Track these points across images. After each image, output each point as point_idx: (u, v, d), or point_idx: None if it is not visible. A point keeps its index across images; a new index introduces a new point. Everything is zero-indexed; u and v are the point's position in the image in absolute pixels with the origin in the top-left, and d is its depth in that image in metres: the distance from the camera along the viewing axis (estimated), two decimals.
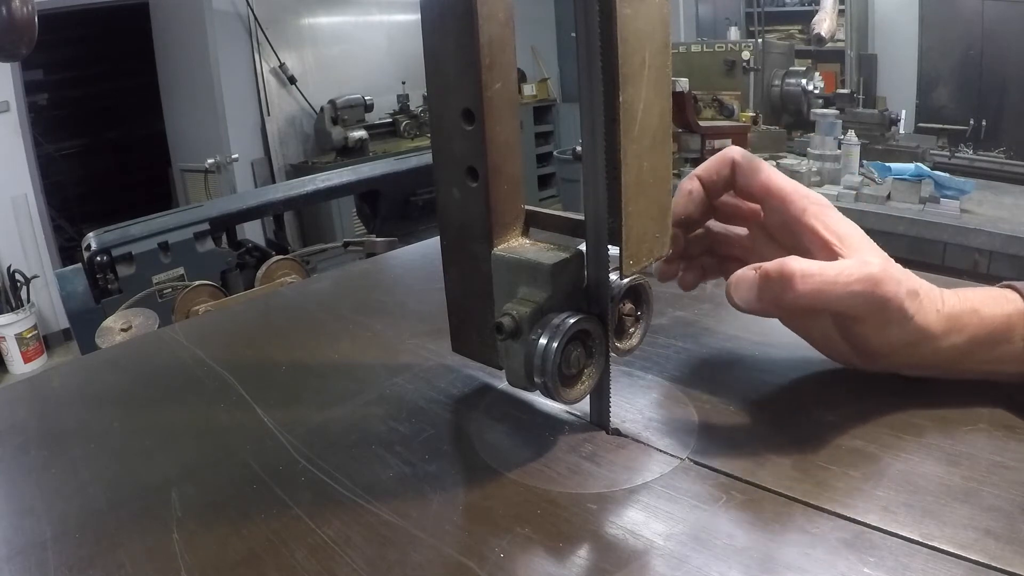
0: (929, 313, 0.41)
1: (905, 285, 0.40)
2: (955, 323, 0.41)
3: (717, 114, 3.07)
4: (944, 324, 0.41)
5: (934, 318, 0.41)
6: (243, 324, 0.74)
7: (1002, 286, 0.44)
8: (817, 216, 0.43)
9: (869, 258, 0.41)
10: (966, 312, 0.41)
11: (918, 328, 0.41)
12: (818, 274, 0.39)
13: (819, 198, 0.45)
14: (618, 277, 0.42)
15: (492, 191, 0.40)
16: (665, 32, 0.39)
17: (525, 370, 0.40)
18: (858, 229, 0.43)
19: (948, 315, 0.41)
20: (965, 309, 0.41)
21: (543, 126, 5.96)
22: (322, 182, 2.13)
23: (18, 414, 0.56)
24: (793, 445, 0.40)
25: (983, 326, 0.41)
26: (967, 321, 0.41)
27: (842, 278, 0.39)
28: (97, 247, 1.65)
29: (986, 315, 0.41)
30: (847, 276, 0.39)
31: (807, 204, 0.44)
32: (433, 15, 0.40)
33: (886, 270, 0.40)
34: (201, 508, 0.40)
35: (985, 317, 0.41)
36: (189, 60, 4.27)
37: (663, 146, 0.41)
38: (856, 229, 0.43)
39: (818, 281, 0.39)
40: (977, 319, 0.41)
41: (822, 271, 0.39)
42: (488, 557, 0.34)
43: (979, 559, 0.31)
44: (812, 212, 0.43)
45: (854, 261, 0.40)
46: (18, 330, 3.62)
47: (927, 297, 0.41)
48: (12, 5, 0.74)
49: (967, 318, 0.41)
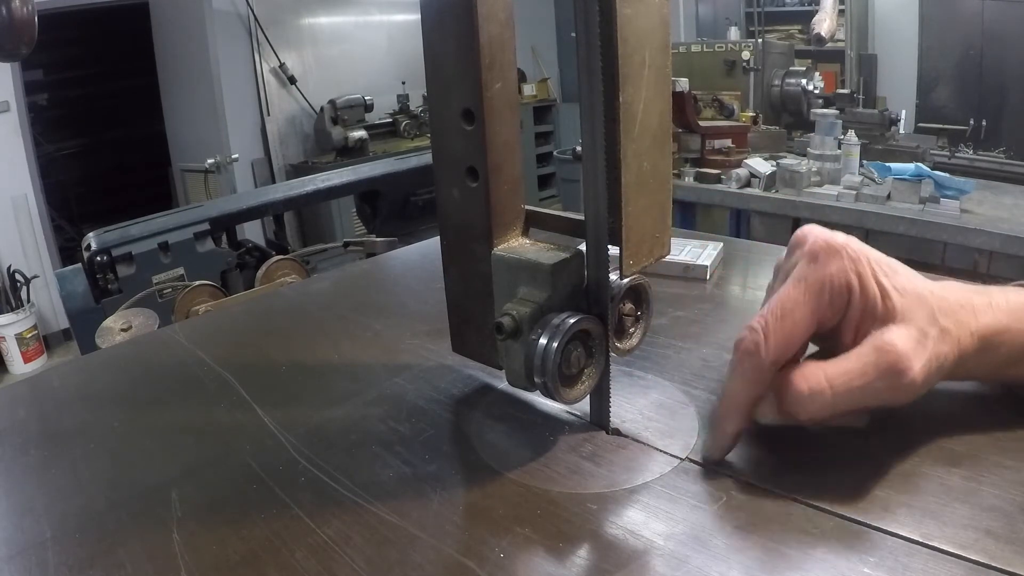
0: (964, 339, 0.37)
1: (931, 340, 0.36)
2: (989, 342, 0.38)
3: (717, 114, 3.07)
4: (978, 344, 0.37)
5: (968, 342, 0.37)
6: (243, 324, 0.74)
7: (1019, 285, 0.41)
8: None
9: (895, 336, 0.35)
10: (1000, 331, 0.38)
11: (952, 364, 0.37)
12: (828, 388, 0.35)
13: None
14: (618, 277, 0.42)
15: (492, 191, 0.41)
16: (665, 32, 0.39)
17: (525, 370, 0.40)
18: (902, 282, 0.37)
19: (982, 336, 0.37)
20: (999, 328, 0.38)
21: (543, 126, 5.96)
22: (322, 182, 2.13)
23: (18, 414, 0.56)
24: (793, 445, 0.40)
25: (1016, 344, 0.38)
26: (1000, 341, 0.38)
27: (856, 381, 0.35)
28: (97, 247, 1.65)
29: (1018, 331, 0.38)
30: (861, 378, 0.35)
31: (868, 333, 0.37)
32: (433, 15, 0.40)
33: (910, 346, 0.35)
34: (201, 508, 0.40)
35: (1017, 334, 0.38)
36: (189, 60, 4.27)
37: (663, 146, 0.41)
38: (899, 282, 0.37)
39: (829, 396, 0.35)
40: (1010, 337, 0.38)
41: (832, 382, 0.35)
42: (488, 557, 0.34)
43: (979, 559, 0.31)
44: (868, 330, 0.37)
45: (870, 349, 0.35)
46: (18, 330, 3.62)
47: (961, 324, 0.37)
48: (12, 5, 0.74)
49: (1000, 337, 0.38)
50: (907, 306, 0.36)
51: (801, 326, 0.37)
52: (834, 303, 0.37)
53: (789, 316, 0.37)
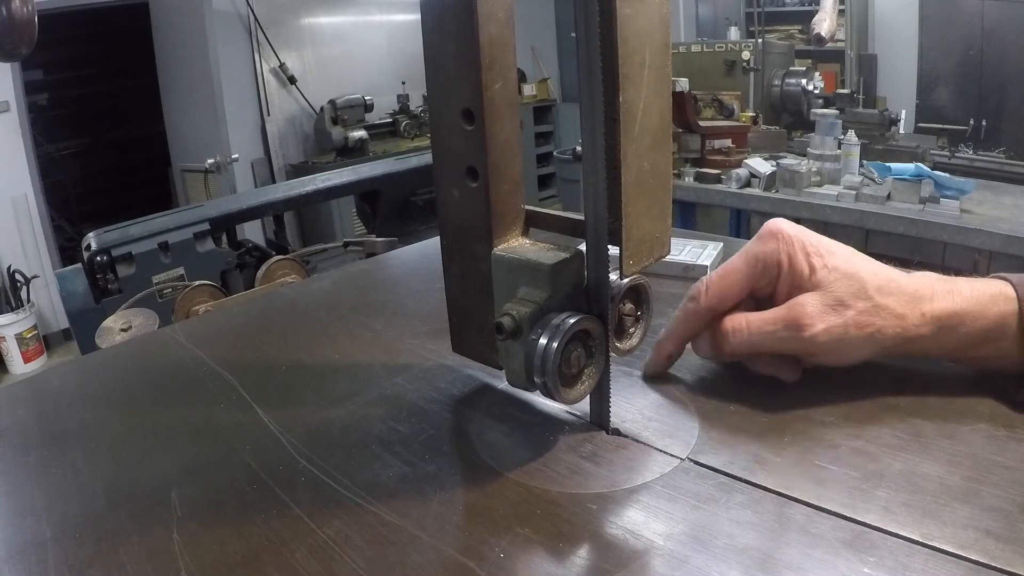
0: (912, 317, 0.42)
1: (852, 311, 0.42)
2: (944, 324, 0.42)
3: (717, 114, 3.06)
4: (932, 325, 0.42)
5: (916, 321, 0.42)
6: (243, 324, 0.74)
7: (997, 277, 0.44)
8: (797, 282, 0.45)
9: (807, 299, 0.43)
10: (957, 314, 0.42)
11: (890, 338, 0.42)
12: (745, 328, 0.45)
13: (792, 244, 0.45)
14: (618, 277, 0.42)
15: (492, 191, 0.40)
16: (665, 32, 0.39)
17: (525, 370, 0.40)
18: (836, 261, 0.44)
19: (935, 317, 0.42)
20: (956, 311, 0.42)
21: (543, 126, 5.95)
22: (322, 182, 2.13)
23: (18, 414, 0.56)
24: (793, 445, 0.40)
25: (975, 327, 0.42)
26: (958, 323, 0.42)
27: (767, 327, 0.44)
28: (97, 247, 1.64)
29: (979, 316, 0.42)
30: (771, 325, 0.44)
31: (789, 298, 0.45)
32: (433, 15, 0.40)
33: (818, 308, 0.42)
34: (201, 508, 0.40)
35: (978, 319, 0.42)
36: (189, 60, 4.26)
37: (663, 146, 0.41)
38: (834, 261, 0.44)
39: (745, 335, 0.45)
40: (969, 320, 0.42)
41: (749, 324, 0.45)
42: (488, 557, 0.34)
43: (979, 559, 0.31)
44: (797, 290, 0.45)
45: (785, 307, 0.44)
46: (18, 330, 3.62)
47: (909, 305, 0.42)
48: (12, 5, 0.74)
49: (958, 319, 0.42)
50: (831, 279, 0.43)
51: (736, 286, 0.46)
52: (766, 273, 0.46)
53: (727, 276, 0.46)
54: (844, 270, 0.43)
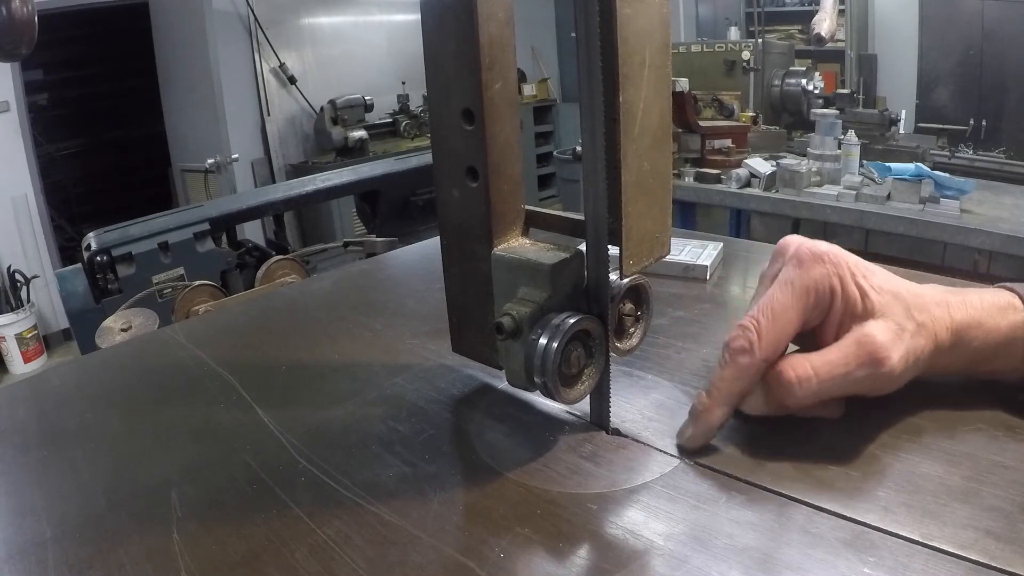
0: (940, 333, 0.40)
1: (908, 334, 0.39)
2: (961, 337, 0.41)
3: (717, 114, 3.06)
4: (951, 340, 0.40)
5: (944, 337, 0.40)
6: (243, 324, 0.74)
7: (1001, 287, 0.43)
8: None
9: (874, 329, 0.38)
10: (972, 326, 0.41)
11: (929, 357, 0.40)
12: (814, 376, 0.38)
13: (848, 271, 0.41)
14: (618, 277, 0.42)
15: (492, 191, 0.40)
16: (665, 32, 0.40)
17: (525, 370, 0.40)
18: (880, 282, 0.40)
19: (954, 331, 0.40)
20: (971, 323, 0.41)
21: (543, 126, 5.95)
22: (322, 182, 2.13)
23: (18, 414, 0.56)
24: (793, 445, 0.40)
25: (988, 340, 0.41)
26: (973, 335, 0.41)
27: (838, 370, 0.38)
28: (97, 247, 1.64)
29: (990, 328, 0.41)
30: (843, 367, 0.38)
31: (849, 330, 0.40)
32: (433, 15, 0.40)
33: (889, 338, 0.38)
34: (201, 508, 0.40)
35: (990, 331, 0.41)
36: (189, 60, 4.26)
37: (663, 146, 0.41)
38: (878, 282, 0.40)
39: (815, 383, 0.38)
40: (982, 333, 0.41)
41: (818, 371, 0.38)
42: (488, 557, 0.34)
43: (979, 559, 0.31)
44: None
45: (852, 342, 0.39)
46: (18, 330, 3.62)
47: (936, 320, 0.40)
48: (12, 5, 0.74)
49: (973, 332, 0.41)
50: (885, 303, 0.39)
51: (790, 326, 0.40)
52: (819, 304, 0.40)
53: (780, 318, 0.39)
54: (890, 291, 0.40)
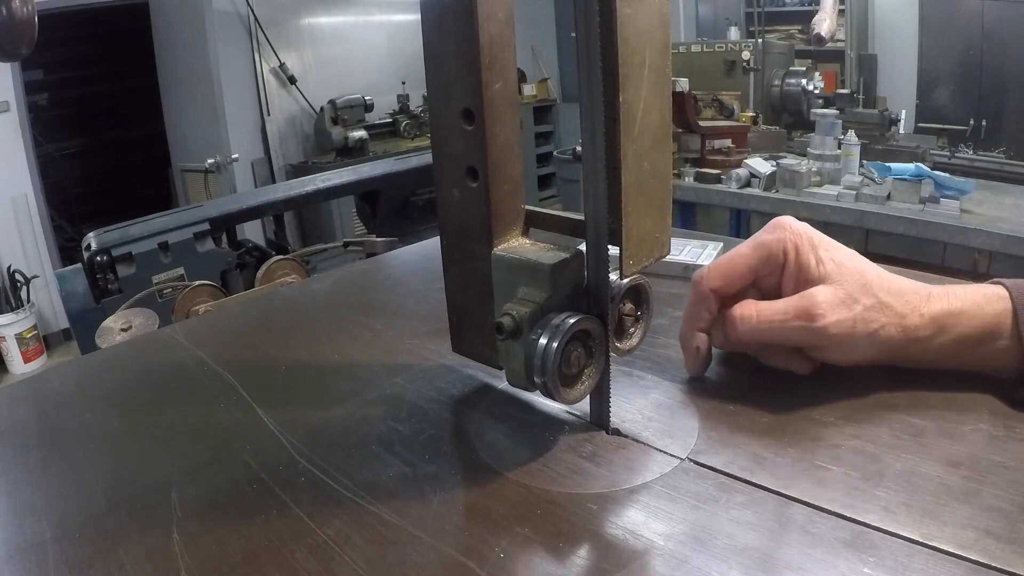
0: (911, 317, 0.42)
1: (860, 306, 0.42)
2: (941, 325, 0.43)
3: (717, 114, 3.06)
4: (930, 326, 0.43)
5: (916, 322, 0.43)
6: (243, 324, 0.74)
7: (993, 283, 0.44)
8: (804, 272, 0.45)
9: (818, 291, 0.43)
10: (953, 313, 0.42)
11: (893, 337, 0.43)
12: (755, 316, 0.44)
13: (800, 238, 0.46)
14: (618, 277, 0.42)
15: (492, 191, 0.40)
16: (665, 32, 0.40)
17: (525, 370, 0.40)
18: (841, 257, 0.44)
19: (933, 317, 0.43)
20: (952, 310, 0.43)
21: (543, 126, 5.95)
22: (322, 182, 2.13)
23: (18, 414, 0.56)
24: (793, 445, 0.40)
25: (971, 327, 0.42)
26: (954, 322, 0.42)
27: (777, 316, 0.44)
28: (97, 247, 1.64)
29: (975, 315, 0.42)
30: (782, 314, 0.43)
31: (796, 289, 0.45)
32: (433, 15, 0.40)
33: (830, 300, 0.42)
34: (201, 508, 0.40)
35: (974, 318, 0.42)
36: (189, 60, 4.26)
37: (663, 146, 0.41)
38: (839, 257, 0.44)
39: (754, 323, 0.44)
40: (965, 320, 0.42)
41: (759, 312, 0.44)
42: (488, 557, 0.34)
43: (979, 559, 0.31)
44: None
45: (797, 297, 0.44)
46: (18, 330, 3.62)
47: (908, 304, 0.43)
48: (12, 5, 0.74)
49: (954, 319, 0.42)
50: (840, 274, 0.43)
51: (739, 269, 0.47)
52: (771, 261, 0.46)
53: (732, 260, 0.47)
54: (850, 266, 0.44)
